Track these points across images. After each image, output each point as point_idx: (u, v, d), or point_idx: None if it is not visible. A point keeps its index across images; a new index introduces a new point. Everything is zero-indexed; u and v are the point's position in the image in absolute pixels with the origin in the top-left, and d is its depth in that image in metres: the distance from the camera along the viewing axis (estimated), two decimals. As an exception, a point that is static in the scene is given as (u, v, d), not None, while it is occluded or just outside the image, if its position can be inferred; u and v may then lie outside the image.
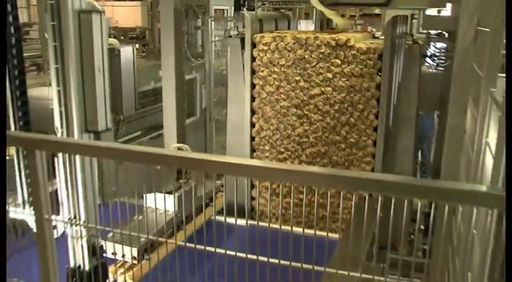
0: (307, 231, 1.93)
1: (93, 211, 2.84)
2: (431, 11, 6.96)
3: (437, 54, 6.48)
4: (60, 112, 3.07)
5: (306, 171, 1.73)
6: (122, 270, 2.81)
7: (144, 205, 2.21)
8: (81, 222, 2.71)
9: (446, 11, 6.33)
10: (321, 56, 4.50)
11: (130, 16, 21.76)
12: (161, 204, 3.34)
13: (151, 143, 6.81)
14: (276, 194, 4.66)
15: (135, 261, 2.85)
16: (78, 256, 2.96)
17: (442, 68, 6.38)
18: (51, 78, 3.15)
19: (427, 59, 6.60)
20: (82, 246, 2.81)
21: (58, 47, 3.06)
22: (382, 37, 4.72)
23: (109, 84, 3.34)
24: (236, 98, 5.00)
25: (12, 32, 3.83)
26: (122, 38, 15.80)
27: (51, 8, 3.04)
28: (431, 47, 6.76)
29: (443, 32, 6.21)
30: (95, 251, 2.89)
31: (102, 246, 2.90)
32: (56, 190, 2.93)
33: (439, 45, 6.59)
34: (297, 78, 4.60)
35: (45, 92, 5.24)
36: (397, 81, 4.92)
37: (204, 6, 7.43)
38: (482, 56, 3.50)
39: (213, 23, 6.90)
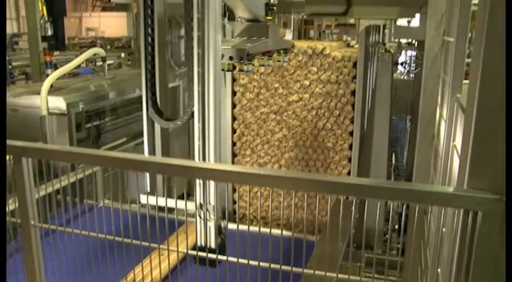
0: (285, 233, 1.93)
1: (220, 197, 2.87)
2: (402, 21, 7.06)
3: (408, 61, 6.58)
4: (199, 146, 3.07)
5: (284, 176, 1.74)
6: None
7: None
8: (211, 207, 2.79)
9: (415, 20, 6.43)
10: (298, 64, 4.53)
11: (116, 26, 21.68)
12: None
13: (137, 148, 6.75)
14: (257, 197, 4.66)
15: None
16: (202, 236, 2.96)
17: (413, 75, 6.48)
18: (195, 122, 3.13)
19: (399, 66, 6.70)
20: (209, 228, 2.84)
21: (200, 92, 3.04)
22: (357, 46, 4.77)
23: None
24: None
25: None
26: (108, 47, 15.68)
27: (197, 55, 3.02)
28: (403, 55, 6.85)
29: (413, 41, 6.31)
30: (220, 230, 2.90)
31: (226, 227, 2.93)
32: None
33: (410, 53, 6.69)
34: (276, 85, 4.62)
35: (34, 101, 5.19)
36: (371, 88, 4.97)
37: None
38: (448, 63, 3.55)
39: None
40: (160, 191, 4.22)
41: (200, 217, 2.82)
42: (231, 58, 3.35)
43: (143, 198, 3.44)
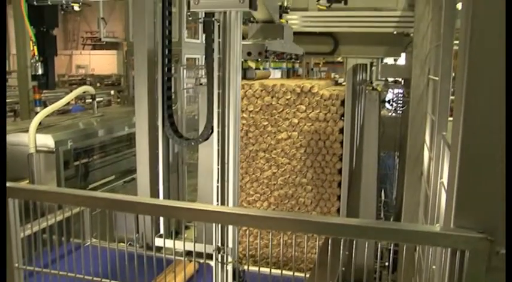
0: (274, 271, 1.93)
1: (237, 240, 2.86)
2: (389, 60, 7.21)
3: (395, 99, 6.68)
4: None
5: (273, 217, 1.74)
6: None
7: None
8: (229, 250, 2.78)
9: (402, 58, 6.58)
10: (287, 102, 4.59)
11: (106, 64, 21.90)
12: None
13: (126, 187, 6.73)
14: (246, 235, 4.63)
15: None
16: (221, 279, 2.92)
17: (400, 112, 6.57)
18: (214, 164, 3.18)
19: (386, 104, 6.79)
20: (227, 271, 2.81)
21: (220, 132, 3.09)
22: (345, 83, 4.85)
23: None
24: (207, 143, 5.01)
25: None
26: (98, 84, 15.75)
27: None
28: (390, 92, 6.96)
29: (399, 79, 6.43)
30: (237, 274, 2.87)
31: (244, 270, 2.90)
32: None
33: (397, 90, 6.81)
34: (265, 123, 4.66)
35: (22, 138, 5.18)
36: (359, 125, 5.03)
37: (176, 55, 7.53)
38: (434, 101, 3.62)
39: (185, 71, 6.98)
40: (148, 229, 4.19)
41: (218, 260, 2.80)
42: (249, 54, 3.38)
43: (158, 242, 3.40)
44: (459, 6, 2.45)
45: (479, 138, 1.66)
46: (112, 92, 14.64)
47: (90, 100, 7.64)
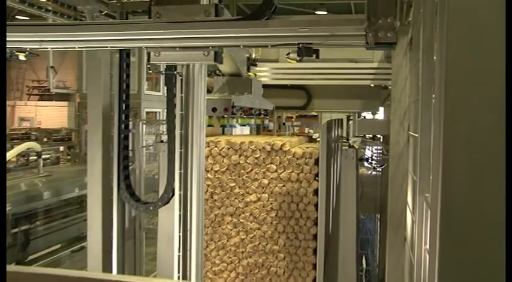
0: None
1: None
2: (367, 114, 7.41)
3: (374, 156, 6.82)
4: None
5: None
6: None
7: None
8: None
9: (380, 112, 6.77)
10: (256, 161, 4.63)
11: (55, 117, 21.75)
12: None
13: (74, 257, 6.56)
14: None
15: None
16: None
17: (380, 170, 6.69)
18: (175, 230, 3.21)
19: (365, 162, 6.92)
20: None
21: (182, 195, 3.10)
22: (320, 139, 4.95)
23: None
24: (168, 206, 4.98)
25: None
26: (45, 140, 15.53)
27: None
28: (368, 149, 7.11)
29: (378, 135, 6.58)
30: None
31: None
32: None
33: (375, 147, 6.96)
34: (232, 184, 4.68)
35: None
36: (335, 186, 5.09)
37: (135, 108, 7.59)
38: (415, 160, 3.71)
39: (144, 126, 7.01)
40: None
41: None
42: (214, 109, 3.41)
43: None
44: (436, 59, 2.57)
45: (461, 200, 1.71)
46: (61, 149, 14.48)
47: (35, 157, 7.53)
